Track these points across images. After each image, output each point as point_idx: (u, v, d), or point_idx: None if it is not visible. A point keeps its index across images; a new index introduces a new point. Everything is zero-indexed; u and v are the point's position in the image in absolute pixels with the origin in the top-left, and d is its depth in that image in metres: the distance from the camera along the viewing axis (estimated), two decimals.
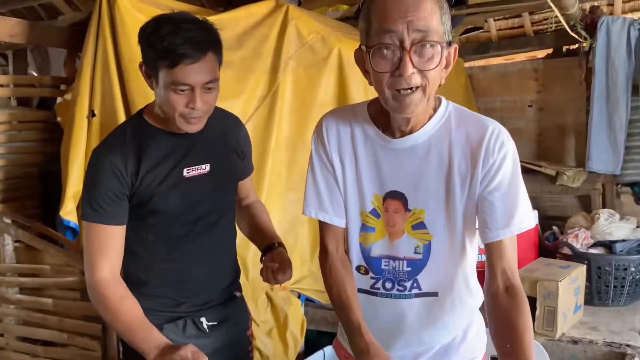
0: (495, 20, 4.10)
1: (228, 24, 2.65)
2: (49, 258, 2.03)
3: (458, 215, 1.18)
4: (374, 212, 1.22)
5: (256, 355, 2.45)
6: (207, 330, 1.48)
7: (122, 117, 2.35)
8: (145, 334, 1.26)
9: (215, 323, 1.50)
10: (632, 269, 2.54)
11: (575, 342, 2.23)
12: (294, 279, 2.73)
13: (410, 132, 1.16)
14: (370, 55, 1.06)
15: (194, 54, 1.24)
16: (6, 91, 2.83)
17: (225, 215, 1.51)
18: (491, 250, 1.16)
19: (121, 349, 1.53)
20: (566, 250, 2.70)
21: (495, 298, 1.14)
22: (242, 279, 2.51)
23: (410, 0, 1.02)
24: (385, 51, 1.04)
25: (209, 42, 1.29)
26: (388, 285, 1.24)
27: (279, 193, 2.66)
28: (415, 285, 1.22)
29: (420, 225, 1.19)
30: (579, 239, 2.75)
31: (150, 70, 1.31)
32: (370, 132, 1.20)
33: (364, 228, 1.23)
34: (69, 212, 2.37)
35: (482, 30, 4.12)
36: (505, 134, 1.16)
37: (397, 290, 1.24)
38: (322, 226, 1.27)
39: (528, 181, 3.87)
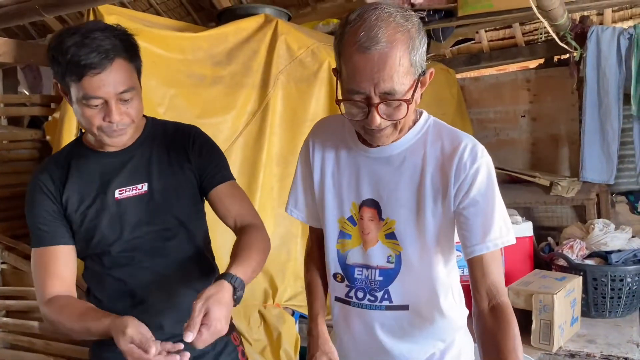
0: (486, 31, 4.12)
1: (218, 39, 2.65)
2: None
3: (429, 229, 1.17)
4: (351, 220, 1.24)
5: None
6: None
7: None
8: (94, 320, 1.15)
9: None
10: (629, 280, 2.52)
11: (572, 355, 2.21)
12: (287, 296, 2.70)
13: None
14: (341, 104, 1.10)
15: (99, 62, 1.14)
16: None
17: (176, 237, 1.33)
18: (472, 267, 1.14)
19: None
20: (562, 262, 2.68)
21: (480, 318, 1.12)
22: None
23: (375, 59, 1.01)
24: (354, 104, 1.08)
25: (117, 49, 1.18)
26: (360, 294, 1.25)
27: (271, 208, 2.64)
28: (386, 296, 1.22)
29: (391, 235, 1.20)
30: (574, 250, 2.73)
31: (63, 86, 1.21)
32: (352, 141, 1.23)
33: (342, 235, 1.26)
34: None
35: (473, 42, 4.13)
36: (479, 148, 1.15)
37: (369, 300, 1.24)
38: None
39: (522, 192, 3.86)
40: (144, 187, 1.29)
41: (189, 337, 1.00)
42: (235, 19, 2.77)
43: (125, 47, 1.21)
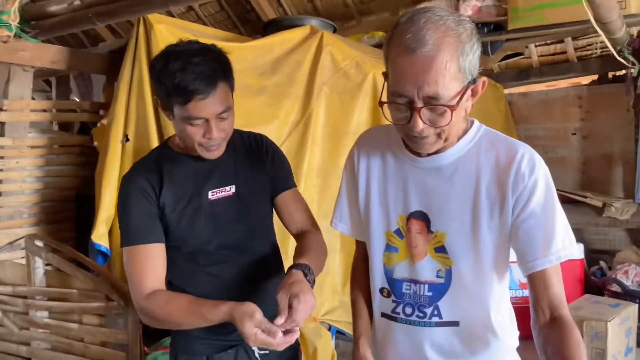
0: (536, 45, 4.00)
1: (263, 49, 2.66)
2: (77, 282, 2.03)
3: (484, 243, 1.11)
4: (398, 232, 1.20)
5: None
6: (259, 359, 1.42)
7: (155, 142, 2.36)
8: (210, 308, 1.23)
9: (267, 352, 1.42)
10: None
11: None
12: (324, 310, 2.65)
13: (437, 152, 1.14)
14: (385, 107, 1.08)
15: (205, 89, 1.24)
16: (47, 116, 2.90)
17: (260, 239, 1.46)
18: (533, 282, 1.09)
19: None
20: (615, 288, 2.54)
21: (542, 331, 1.07)
22: None
23: (421, 61, 0.98)
24: (398, 107, 1.05)
25: (219, 74, 1.29)
26: (408, 310, 1.20)
27: None
28: (436, 312, 1.17)
29: (441, 249, 1.15)
30: (630, 276, 2.58)
31: (164, 104, 1.32)
32: (400, 151, 1.20)
33: (388, 248, 1.21)
34: (100, 235, 2.38)
35: (522, 56, 4.02)
36: (536, 158, 1.10)
37: (417, 316, 1.19)
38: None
39: (572, 212, 3.72)
40: (231, 190, 1.40)
41: (280, 320, 1.12)
42: (281, 30, 2.78)
43: (224, 69, 1.31)
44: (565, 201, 3.47)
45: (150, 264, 1.31)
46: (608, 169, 3.80)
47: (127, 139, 2.40)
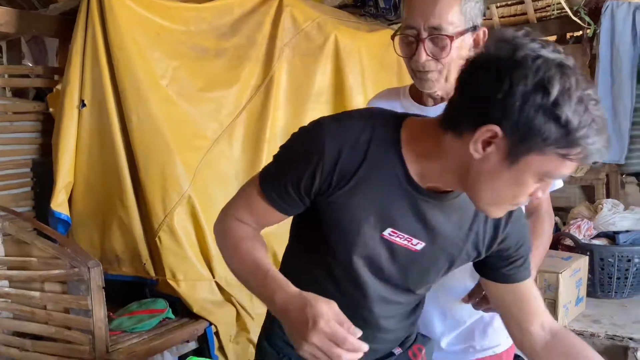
0: (497, 7, 4.03)
1: (222, 10, 2.61)
2: (36, 251, 2.00)
3: None
4: None
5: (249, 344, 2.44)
6: None
7: (112, 108, 2.31)
8: (260, 281, 0.97)
9: None
10: (636, 260, 2.48)
11: (577, 335, 2.19)
12: None
13: (442, 100, 1.30)
14: (396, 42, 1.27)
15: None
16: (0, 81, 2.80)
17: (411, 296, 1.16)
18: None
19: None
20: (568, 242, 2.64)
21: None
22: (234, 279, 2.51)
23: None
24: (405, 40, 1.25)
25: None
26: None
27: None
28: None
29: None
30: (582, 230, 2.69)
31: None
32: (409, 103, 1.36)
33: None
34: (60, 203, 2.34)
35: (484, 18, 4.04)
36: None
37: None
38: None
39: None
40: (418, 246, 1.06)
41: None
42: None
43: None
44: None
45: (261, 218, 1.07)
46: None
47: (84, 105, 2.34)
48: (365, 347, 0.86)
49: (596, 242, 2.61)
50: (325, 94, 2.82)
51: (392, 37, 1.26)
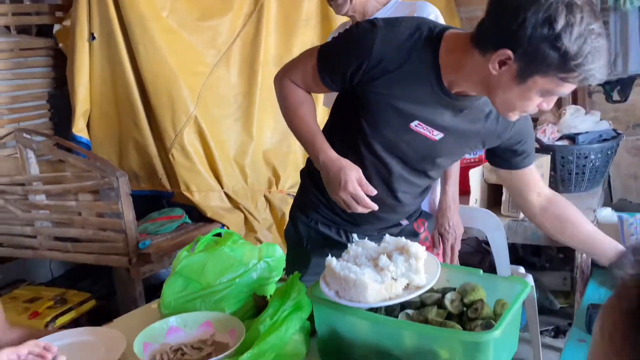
0: None
1: None
2: (68, 167, 2.30)
3: None
4: None
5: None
6: None
7: (120, 40, 2.55)
8: (311, 142, 1.25)
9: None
10: (592, 157, 2.80)
11: None
12: (289, 184, 3.01)
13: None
14: None
15: None
16: (4, 20, 2.95)
17: (426, 179, 1.40)
18: None
19: None
20: (535, 145, 2.95)
21: None
22: (241, 184, 2.82)
23: None
24: None
25: None
26: None
27: (271, 105, 2.87)
28: None
29: None
30: (547, 134, 2.99)
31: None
32: None
33: None
34: (80, 129, 2.63)
35: None
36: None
37: None
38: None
39: None
40: (437, 136, 1.28)
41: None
42: None
43: None
44: None
45: (312, 86, 1.31)
46: None
47: (94, 38, 2.57)
48: (374, 206, 1.19)
49: (558, 143, 2.93)
50: (313, 19, 3.01)
51: None
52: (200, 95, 2.67)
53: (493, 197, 2.75)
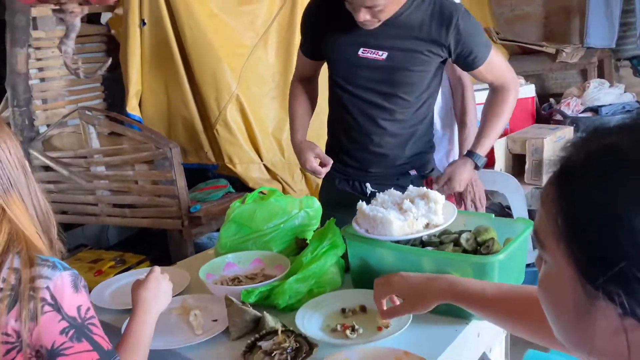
0: None
1: None
2: (125, 140, 2.56)
3: None
4: None
5: None
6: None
7: (168, 24, 2.79)
8: (291, 126, 1.75)
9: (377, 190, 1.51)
10: None
11: None
12: None
13: None
14: None
15: None
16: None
17: (399, 101, 1.60)
18: None
19: None
20: (558, 117, 3.08)
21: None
22: (278, 157, 3.04)
23: None
24: None
25: None
26: None
27: None
28: None
29: None
30: (571, 107, 3.12)
31: None
32: None
33: None
34: (133, 107, 2.89)
35: None
36: None
37: None
38: None
39: (531, 61, 4.20)
40: (383, 55, 1.56)
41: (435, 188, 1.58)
42: None
43: None
44: (525, 52, 3.93)
45: (302, 66, 1.76)
46: (567, 21, 4.20)
47: (144, 23, 2.82)
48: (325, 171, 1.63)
49: (582, 115, 3.05)
50: None
51: None
52: (241, 75, 2.89)
53: (517, 167, 2.89)
